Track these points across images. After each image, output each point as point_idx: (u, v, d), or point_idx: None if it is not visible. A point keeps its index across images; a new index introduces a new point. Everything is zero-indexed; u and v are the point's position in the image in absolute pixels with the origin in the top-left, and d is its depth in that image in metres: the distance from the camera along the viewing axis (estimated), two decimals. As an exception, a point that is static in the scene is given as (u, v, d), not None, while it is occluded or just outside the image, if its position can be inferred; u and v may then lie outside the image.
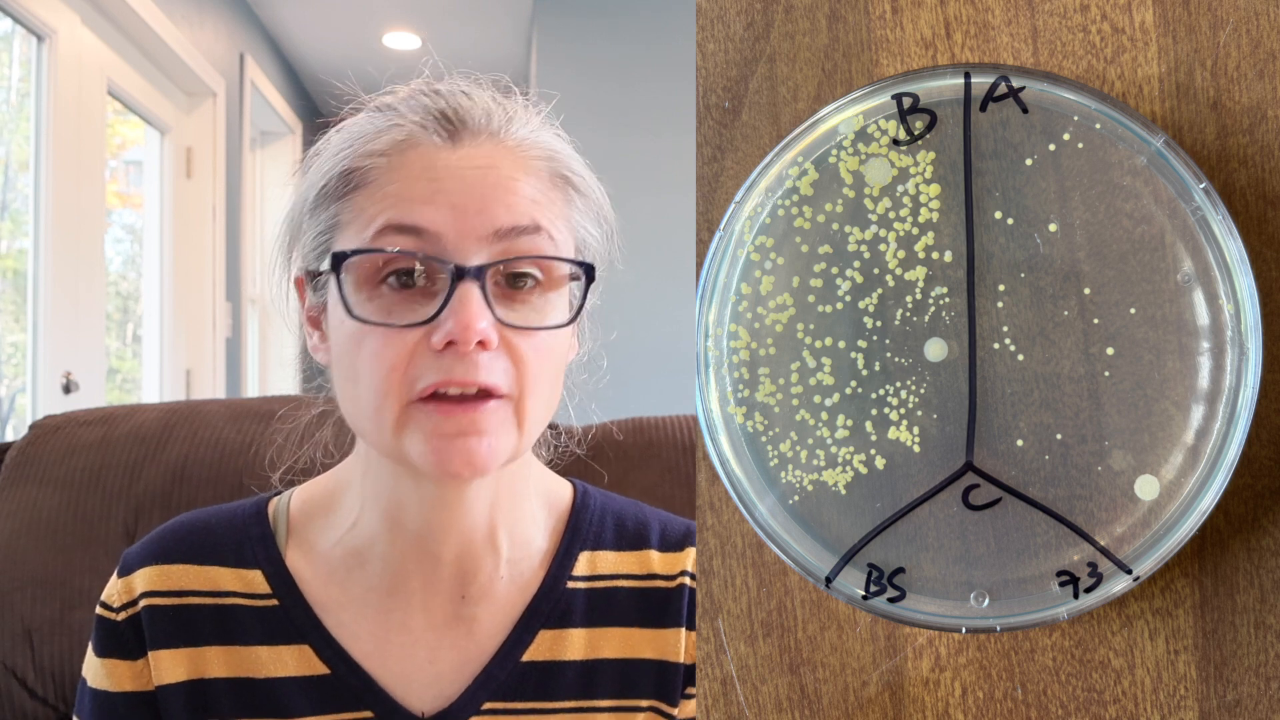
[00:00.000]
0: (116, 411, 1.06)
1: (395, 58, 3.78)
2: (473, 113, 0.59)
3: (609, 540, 0.67)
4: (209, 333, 2.89)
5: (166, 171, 2.79)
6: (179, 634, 0.63)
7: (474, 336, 0.53)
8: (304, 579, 0.64)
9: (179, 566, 0.64)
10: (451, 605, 0.63)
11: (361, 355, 0.56)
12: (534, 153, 0.59)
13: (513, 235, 0.56)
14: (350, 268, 0.56)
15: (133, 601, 0.63)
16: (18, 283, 2.11)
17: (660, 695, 0.65)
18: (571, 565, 0.66)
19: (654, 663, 0.65)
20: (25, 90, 2.11)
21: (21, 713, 0.94)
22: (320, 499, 0.66)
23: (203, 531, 0.65)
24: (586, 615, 0.65)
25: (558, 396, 0.61)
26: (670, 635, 0.65)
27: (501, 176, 0.57)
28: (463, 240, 0.55)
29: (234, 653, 0.63)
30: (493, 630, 0.64)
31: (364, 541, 0.63)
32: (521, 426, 0.57)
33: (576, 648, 0.64)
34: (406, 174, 0.57)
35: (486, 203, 0.56)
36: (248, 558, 0.64)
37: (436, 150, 0.57)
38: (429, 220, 0.55)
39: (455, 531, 0.62)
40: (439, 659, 0.63)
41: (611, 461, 0.99)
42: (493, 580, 0.64)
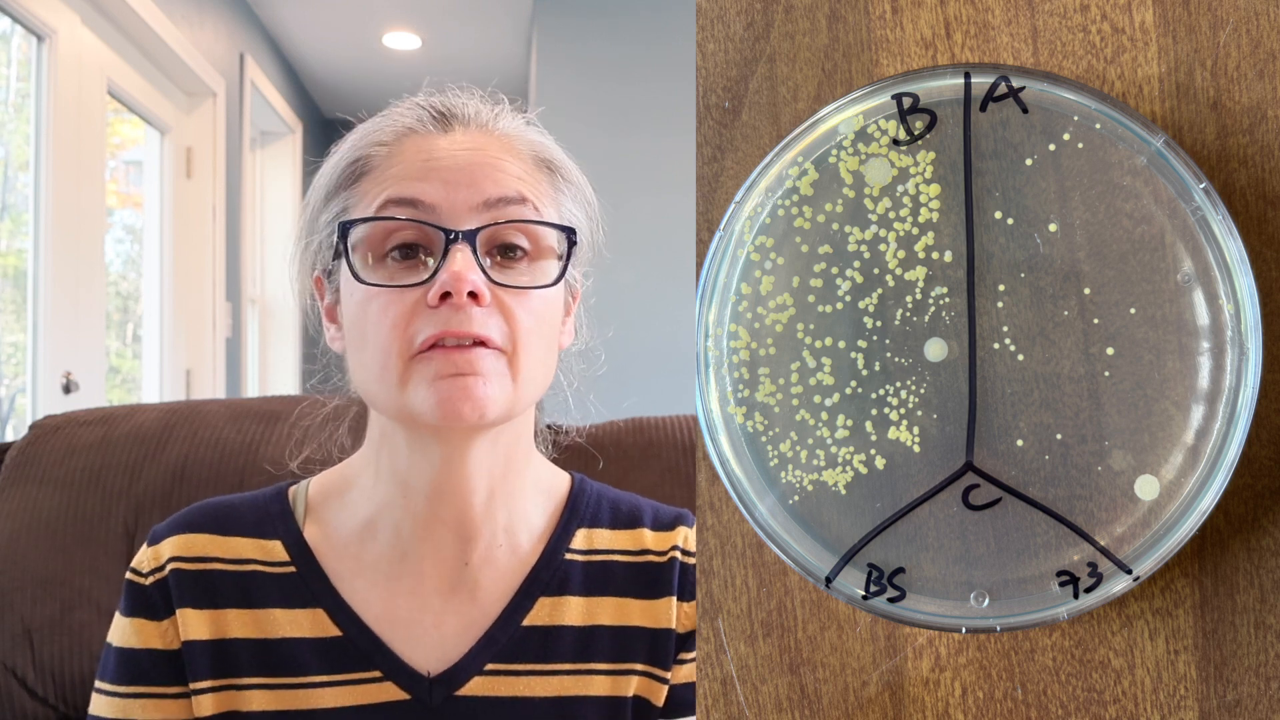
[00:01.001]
0: (116, 411, 1.06)
1: (395, 58, 3.78)
2: (464, 108, 0.67)
3: (605, 520, 0.71)
4: (209, 333, 2.89)
5: (166, 171, 2.79)
6: (203, 596, 0.67)
7: (465, 287, 0.59)
8: (320, 550, 0.68)
9: (203, 536, 0.68)
10: (455, 572, 0.67)
11: (368, 318, 0.61)
12: (519, 142, 0.66)
13: (500, 205, 0.62)
14: (358, 244, 0.62)
15: (160, 567, 0.67)
16: (18, 282, 2.11)
17: (653, 660, 0.68)
18: (569, 540, 0.70)
19: (647, 630, 0.68)
20: (25, 90, 2.11)
21: (21, 713, 0.94)
22: (336, 483, 0.71)
23: (226, 508, 0.70)
24: (583, 584, 0.69)
25: (552, 361, 0.66)
26: (662, 604, 0.69)
27: (489, 156, 0.64)
28: (455, 210, 0.62)
29: (253, 615, 0.66)
30: (495, 596, 0.67)
31: (376, 510, 0.67)
32: (516, 379, 0.62)
33: (574, 614, 0.68)
34: (404, 158, 0.64)
35: (476, 177, 0.62)
36: (268, 530, 0.69)
37: (431, 138, 0.64)
38: (424, 193, 0.62)
39: (459, 493, 0.65)
40: (444, 623, 0.67)
41: (611, 461, 0.99)
42: (492, 548, 0.68)
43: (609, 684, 0.67)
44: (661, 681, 0.69)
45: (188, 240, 2.84)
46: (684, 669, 0.69)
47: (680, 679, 0.69)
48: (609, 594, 0.69)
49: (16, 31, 2.07)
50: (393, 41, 3.65)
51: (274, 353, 3.68)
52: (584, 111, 2.79)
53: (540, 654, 0.67)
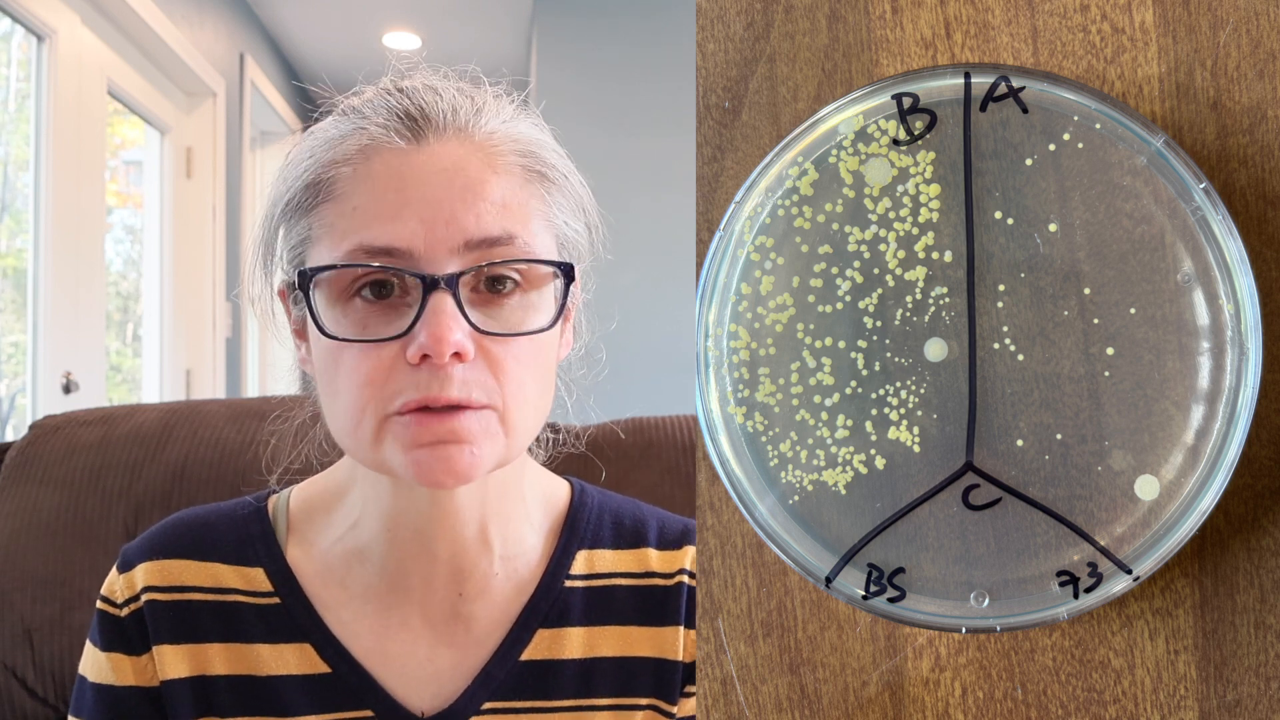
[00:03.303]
0: (116, 411, 1.06)
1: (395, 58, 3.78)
2: (438, 109, 0.57)
3: (606, 539, 0.67)
4: (209, 333, 2.89)
5: (166, 171, 2.79)
6: (181, 630, 0.63)
7: (448, 349, 0.53)
8: (305, 577, 0.64)
9: (179, 562, 0.64)
10: (449, 604, 0.63)
11: (340, 371, 0.55)
12: (505, 147, 0.58)
13: (484, 246, 0.55)
14: (321, 284, 0.56)
15: (135, 597, 0.63)
16: (18, 282, 2.11)
17: (659, 693, 0.65)
18: (569, 564, 0.65)
19: (652, 661, 0.65)
20: (25, 90, 2.11)
21: (21, 713, 0.94)
22: (320, 498, 0.66)
23: (203, 528, 0.65)
24: (584, 614, 0.65)
25: (549, 399, 0.60)
26: (669, 633, 0.65)
27: (470, 180, 0.55)
28: (433, 252, 0.54)
29: (236, 650, 0.63)
30: (490, 629, 0.64)
31: (364, 542, 0.63)
32: (509, 434, 0.56)
33: (574, 646, 0.64)
34: (372, 185, 0.55)
35: (455, 213, 0.54)
36: (249, 556, 0.64)
37: (401, 154, 0.55)
38: (398, 238, 0.54)
39: (448, 530, 0.62)
40: (438, 658, 0.63)
41: (611, 461, 0.99)
42: (488, 578, 0.64)
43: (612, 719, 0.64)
44: (667, 715, 0.66)
45: (188, 240, 2.84)
46: (689, 701, 0.65)
47: (686, 712, 0.66)
48: (611, 623, 0.65)
49: (16, 31, 2.07)
50: (393, 41, 3.65)
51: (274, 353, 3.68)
52: (584, 111, 2.79)
53: (540, 690, 0.63)
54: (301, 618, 0.63)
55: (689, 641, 0.65)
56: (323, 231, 0.56)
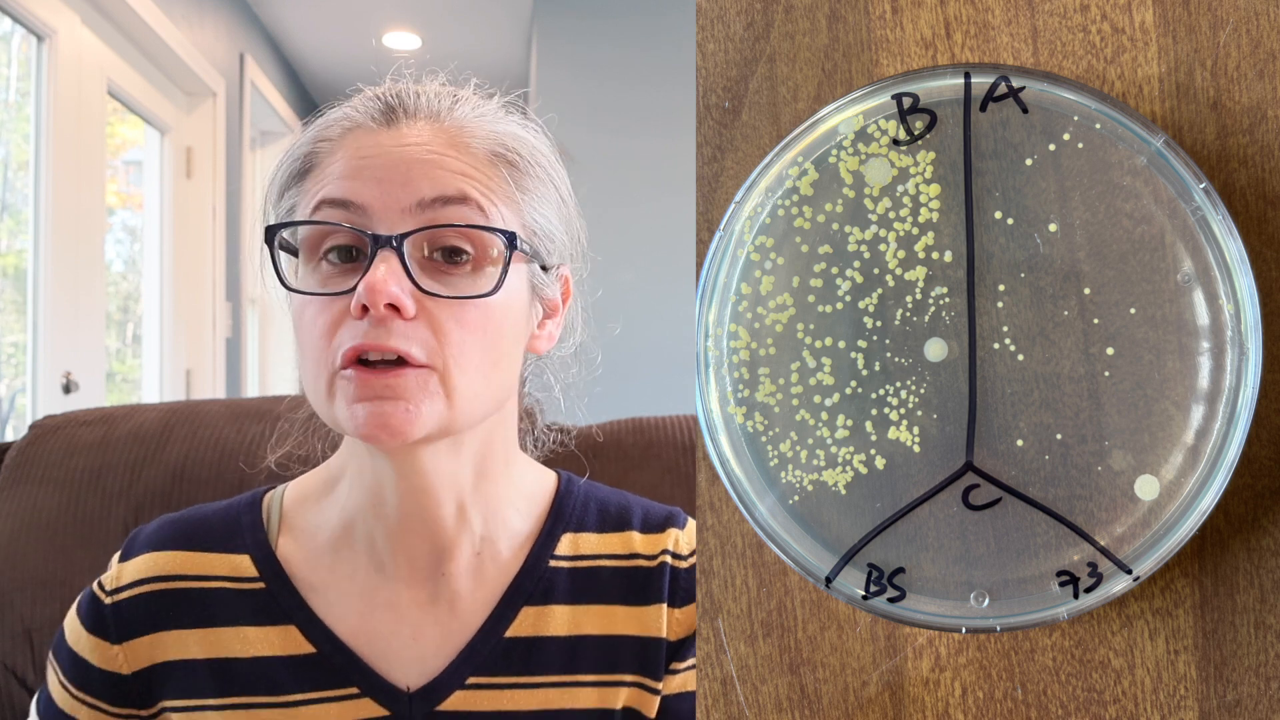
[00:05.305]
0: (116, 411, 1.06)
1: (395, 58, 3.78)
2: (415, 99, 0.61)
3: (592, 523, 0.68)
4: (209, 333, 2.89)
5: (166, 171, 2.79)
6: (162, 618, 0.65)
7: (382, 300, 0.55)
8: (292, 563, 0.66)
9: (169, 553, 0.66)
10: (432, 583, 0.65)
11: (303, 324, 0.59)
12: (475, 134, 0.61)
13: (437, 205, 0.57)
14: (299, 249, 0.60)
15: (120, 588, 0.65)
16: (18, 282, 2.11)
17: (643, 670, 0.66)
18: (554, 546, 0.67)
19: (636, 639, 0.66)
20: (25, 90, 2.11)
21: (22, 713, 0.94)
22: (314, 487, 0.68)
23: (199, 521, 0.68)
24: (569, 593, 0.66)
25: (502, 374, 0.61)
26: (652, 611, 0.66)
27: (430, 152, 0.59)
28: (387, 212, 0.57)
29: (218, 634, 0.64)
30: (475, 607, 0.65)
31: (351, 522, 0.65)
32: (450, 397, 0.58)
33: (559, 624, 0.65)
34: (343, 155, 0.59)
35: (411, 175, 0.58)
36: (236, 543, 0.66)
37: (374, 133, 0.60)
38: (355, 193, 0.57)
39: (425, 508, 0.63)
40: (423, 636, 0.64)
41: (611, 461, 0.99)
42: (470, 558, 0.65)
43: (597, 696, 0.65)
44: (653, 692, 0.66)
45: (188, 240, 2.84)
46: (676, 679, 0.66)
47: (673, 689, 0.66)
48: (596, 601, 0.66)
49: (16, 31, 2.07)
50: (393, 41, 3.65)
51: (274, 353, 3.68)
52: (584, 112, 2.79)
53: (524, 666, 0.64)
54: (286, 601, 0.64)
55: (674, 619, 0.66)
56: (301, 199, 0.61)
